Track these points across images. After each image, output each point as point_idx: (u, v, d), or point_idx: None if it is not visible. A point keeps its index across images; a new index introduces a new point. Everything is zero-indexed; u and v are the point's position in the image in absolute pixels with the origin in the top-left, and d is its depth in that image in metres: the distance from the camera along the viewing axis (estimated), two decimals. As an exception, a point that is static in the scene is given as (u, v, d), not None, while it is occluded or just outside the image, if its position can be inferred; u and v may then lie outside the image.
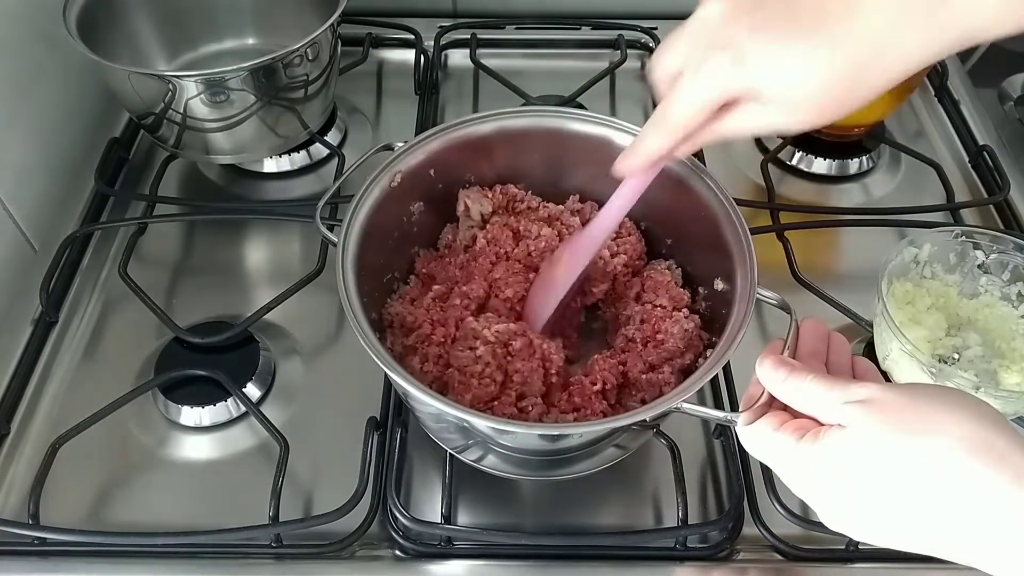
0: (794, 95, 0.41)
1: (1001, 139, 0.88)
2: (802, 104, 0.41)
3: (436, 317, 0.59)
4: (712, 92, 0.42)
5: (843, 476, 0.39)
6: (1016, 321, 0.66)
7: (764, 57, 0.40)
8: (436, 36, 0.97)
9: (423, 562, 0.57)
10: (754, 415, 0.44)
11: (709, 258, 0.58)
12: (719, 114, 0.44)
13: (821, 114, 0.41)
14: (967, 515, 0.36)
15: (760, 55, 0.40)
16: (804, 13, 0.39)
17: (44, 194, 0.79)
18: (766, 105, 0.42)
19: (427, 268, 0.64)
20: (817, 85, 0.40)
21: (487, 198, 0.64)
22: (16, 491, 0.61)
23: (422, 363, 0.57)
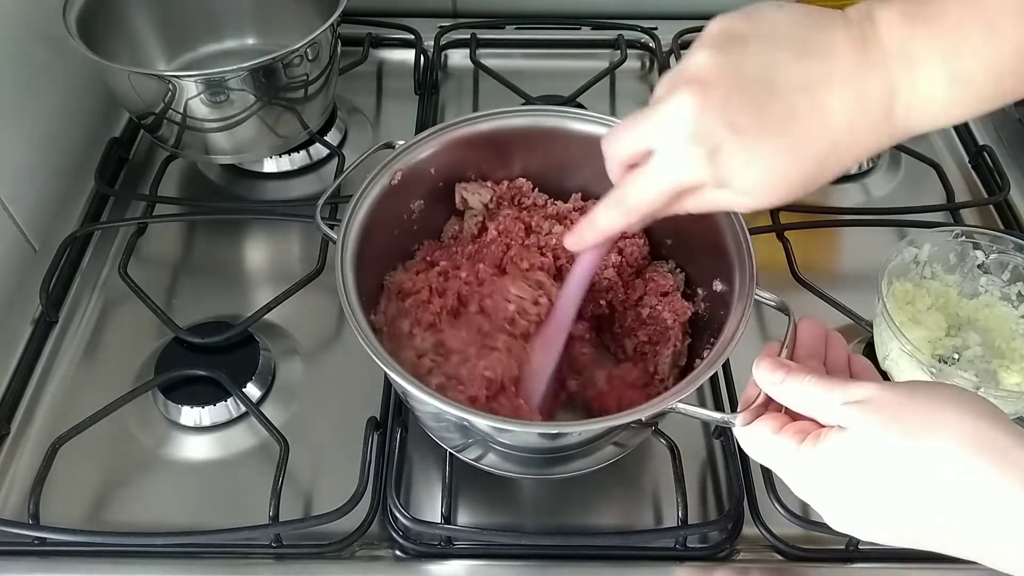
0: (759, 188, 0.43)
1: (1001, 139, 0.88)
2: (762, 193, 0.43)
3: (435, 286, 0.60)
4: (679, 182, 0.43)
5: (845, 477, 0.39)
6: (1016, 321, 0.66)
7: (738, 155, 0.41)
8: (436, 36, 0.97)
9: (423, 562, 0.57)
10: (751, 416, 0.44)
11: (708, 259, 0.58)
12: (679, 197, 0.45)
13: (776, 200, 0.43)
14: (970, 512, 0.36)
15: (734, 153, 0.41)
16: (774, 111, 0.40)
17: (44, 194, 0.79)
18: (729, 194, 0.43)
19: (432, 256, 0.64)
20: (780, 179, 0.42)
21: (485, 187, 0.64)
22: (16, 491, 0.61)
23: (412, 327, 0.58)
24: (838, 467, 0.39)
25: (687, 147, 0.41)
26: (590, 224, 0.49)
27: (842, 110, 0.40)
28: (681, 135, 0.41)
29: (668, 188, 0.44)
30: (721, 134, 0.40)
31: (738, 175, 0.42)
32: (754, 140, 0.41)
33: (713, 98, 0.40)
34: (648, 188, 0.44)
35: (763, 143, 0.41)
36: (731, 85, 0.40)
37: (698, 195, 0.44)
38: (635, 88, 0.96)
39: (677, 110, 0.41)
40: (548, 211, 0.66)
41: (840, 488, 0.40)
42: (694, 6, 0.98)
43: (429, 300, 0.59)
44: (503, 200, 0.65)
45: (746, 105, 0.40)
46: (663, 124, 0.42)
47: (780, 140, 0.41)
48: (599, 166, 0.63)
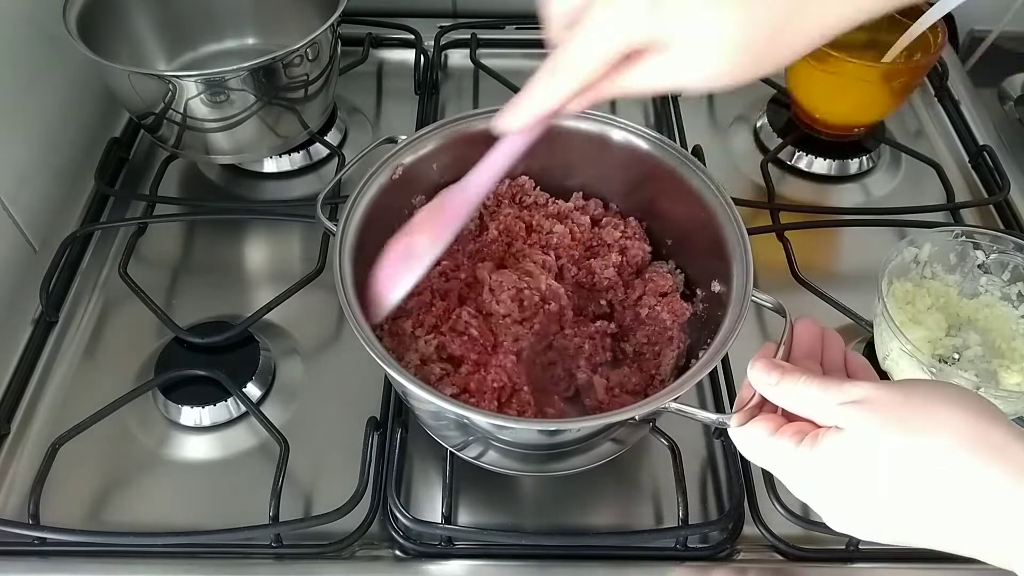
0: (707, 51, 0.38)
1: (1001, 139, 0.88)
2: (713, 61, 0.38)
3: (437, 287, 0.60)
4: (619, 38, 0.38)
5: (844, 478, 0.39)
6: (1016, 321, 0.66)
7: (682, 6, 0.37)
8: (436, 36, 0.97)
9: (423, 562, 0.57)
10: (745, 416, 0.44)
11: (707, 259, 0.58)
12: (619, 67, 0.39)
13: (731, 74, 0.38)
14: (969, 509, 0.36)
15: (677, 6, 0.37)
16: None
17: (44, 194, 0.79)
18: (674, 59, 0.38)
19: None
20: (731, 43, 0.37)
21: None
22: (16, 491, 0.61)
23: (414, 327, 0.58)
24: (837, 468, 0.39)
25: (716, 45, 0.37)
26: (522, 101, 0.43)
27: None
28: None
29: (607, 47, 0.38)
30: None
31: (684, 34, 0.37)
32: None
33: None
34: (585, 48, 0.39)
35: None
36: None
37: (641, 65, 0.39)
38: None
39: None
40: (549, 210, 0.66)
41: (839, 488, 0.40)
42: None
43: (432, 303, 0.59)
44: (503, 199, 0.65)
45: None
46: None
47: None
48: (600, 165, 0.64)
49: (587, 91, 0.41)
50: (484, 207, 0.65)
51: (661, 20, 0.37)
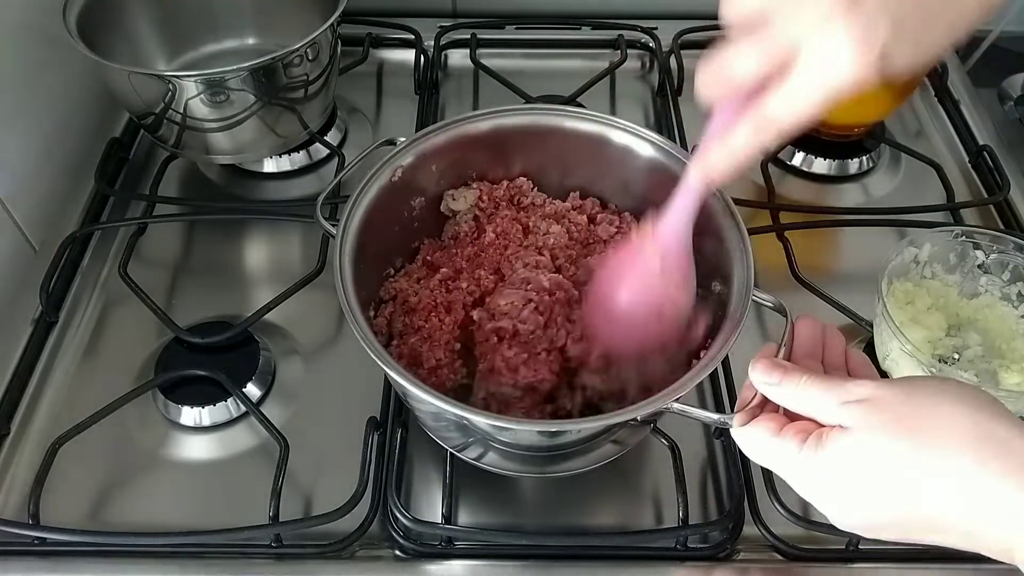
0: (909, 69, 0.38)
1: (1001, 139, 0.88)
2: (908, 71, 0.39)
3: (440, 300, 0.60)
4: (848, 86, 0.38)
5: (849, 478, 0.39)
6: (1016, 321, 0.66)
7: (905, 50, 0.37)
8: (436, 36, 0.97)
9: (423, 562, 0.57)
10: (747, 416, 0.44)
11: (707, 260, 0.58)
12: None
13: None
14: (973, 505, 0.36)
15: (901, 49, 0.37)
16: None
17: (44, 194, 0.79)
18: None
19: (432, 256, 0.64)
20: (930, 61, 0.39)
21: (470, 189, 0.65)
22: (16, 491, 0.61)
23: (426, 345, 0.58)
24: (842, 467, 0.39)
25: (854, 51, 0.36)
26: (723, 147, 0.43)
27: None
28: (844, 38, 0.36)
29: (827, 98, 0.38)
30: (886, 32, 0.36)
31: (899, 68, 0.38)
32: (919, 30, 0.37)
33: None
34: (799, 101, 0.39)
35: (929, 30, 0.38)
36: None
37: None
38: (635, 88, 0.96)
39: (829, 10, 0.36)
40: (546, 210, 0.66)
41: (845, 488, 0.40)
42: (694, 6, 0.99)
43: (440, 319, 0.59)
44: (501, 201, 0.65)
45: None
46: (813, 30, 0.37)
47: (941, 22, 0.38)
48: (598, 165, 0.64)
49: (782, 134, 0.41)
50: (481, 210, 0.65)
51: (884, 66, 0.37)
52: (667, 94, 0.92)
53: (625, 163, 0.63)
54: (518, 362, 0.55)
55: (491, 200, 0.65)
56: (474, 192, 0.64)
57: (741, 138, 0.42)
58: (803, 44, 0.38)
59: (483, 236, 0.64)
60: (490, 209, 0.65)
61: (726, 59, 0.40)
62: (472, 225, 0.64)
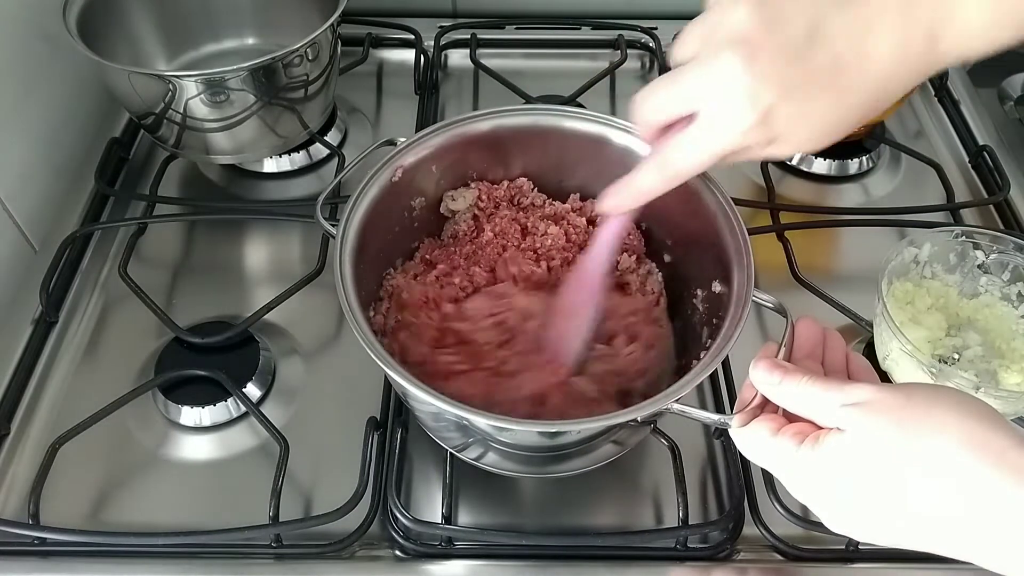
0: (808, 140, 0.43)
1: (1001, 139, 0.88)
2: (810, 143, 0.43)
3: (432, 295, 0.60)
4: (730, 146, 0.43)
5: (845, 480, 0.39)
6: (1016, 321, 0.66)
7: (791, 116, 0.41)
8: (436, 36, 0.97)
9: (423, 562, 0.57)
10: (747, 417, 0.44)
11: (708, 260, 0.58)
12: None
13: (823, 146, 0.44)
14: (968, 513, 0.36)
15: (787, 114, 0.41)
16: (822, 65, 0.40)
17: (44, 194, 0.79)
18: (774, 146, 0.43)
19: (431, 255, 0.64)
20: (830, 129, 0.43)
21: (469, 189, 0.65)
22: (16, 491, 0.61)
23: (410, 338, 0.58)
24: (837, 469, 0.39)
25: (740, 111, 0.41)
26: (628, 187, 0.48)
27: (888, 55, 0.40)
28: (733, 99, 0.41)
29: (718, 152, 0.43)
30: (773, 97, 0.40)
31: (790, 134, 0.42)
32: (805, 98, 0.41)
33: (759, 58, 0.40)
34: (695, 152, 0.44)
35: (815, 100, 0.41)
36: (776, 42, 0.40)
37: (743, 154, 0.44)
38: (635, 88, 0.94)
39: (726, 72, 0.40)
40: (546, 211, 0.66)
41: (839, 490, 0.40)
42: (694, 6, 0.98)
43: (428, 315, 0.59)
44: (501, 201, 0.65)
45: (794, 63, 0.40)
46: (711, 87, 0.41)
47: (830, 94, 0.41)
48: (598, 166, 0.64)
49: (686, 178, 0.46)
50: (480, 209, 0.65)
51: (769, 130, 0.41)
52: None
53: (625, 164, 0.62)
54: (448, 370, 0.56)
55: (491, 200, 0.65)
56: (473, 192, 0.64)
57: (644, 178, 0.47)
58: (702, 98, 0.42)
59: (481, 235, 0.64)
60: (489, 209, 0.65)
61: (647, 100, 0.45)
62: (471, 224, 0.64)
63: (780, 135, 0.42)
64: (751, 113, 0.41)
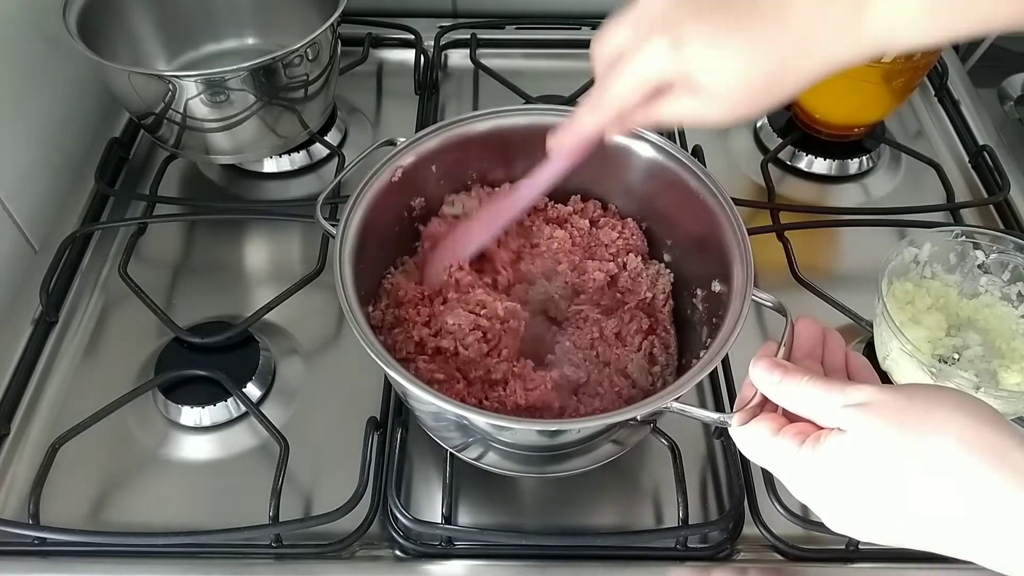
0: (721, 85, 0.43)
1: (1001, 139, 0.88)
2: (726, 95, 0.44)
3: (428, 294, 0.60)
4: (649, 74, 0.44)
5: (846, 480, 0.39)
6: (1016, 321, 0.66)
7: (701, 46, 0.42)
8: (436, 36, 0.97)
9: (423, 562, 0.57)
10: (747, 416, 0.44)
11: (707, 259, 0.58)
12: (654, 99, 0.46)
13: (741, 108, 0.44)
14: (969, 513, 0.36)
15: (697, 43, 0.42)
16: (740, 9, 0.42)
17: (44, 194, 0.79)
18: (696, 94, 0.44)
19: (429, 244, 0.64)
20: (742, 77, 0.43)
21: (469, 197, 0.65)
22: (16, 491, 0.61)
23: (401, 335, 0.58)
24: (839, 469, 0.39)
25: (655, 36, 0.43)
26: (570, 126, 0.50)
27: (807, 14, 0.41)
28: (646, 27, 0.43)
29: (639, 81, 0.45)
30: (687, 26, 0.42)
31: (702, 70, 0.43)
32: (717, 32, 0.42)
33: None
34: (621, 83, 0.45)
35: (727, 37, 0.42)
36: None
37: (670, 100, 0.45)
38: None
39: (646, 5, 0.44)
40: (548, 214, 0.66)
41: (840, 490, 0.40)
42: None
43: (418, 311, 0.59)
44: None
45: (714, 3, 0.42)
46: (634, 20, 0.45)
47: (743, 35, 0.42)
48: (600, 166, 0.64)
49: (624, 119, 0.48)
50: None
51: (683, 57, 0.43)
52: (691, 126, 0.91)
53: (625, 164, 0.63)
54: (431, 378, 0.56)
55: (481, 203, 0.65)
56: (474, 200, 0.64)
57: (582, 115, 0.49)
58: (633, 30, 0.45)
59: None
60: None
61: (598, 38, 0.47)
62: None
63: (695, 72, 0.43)
64: (663, 37, 0.42)
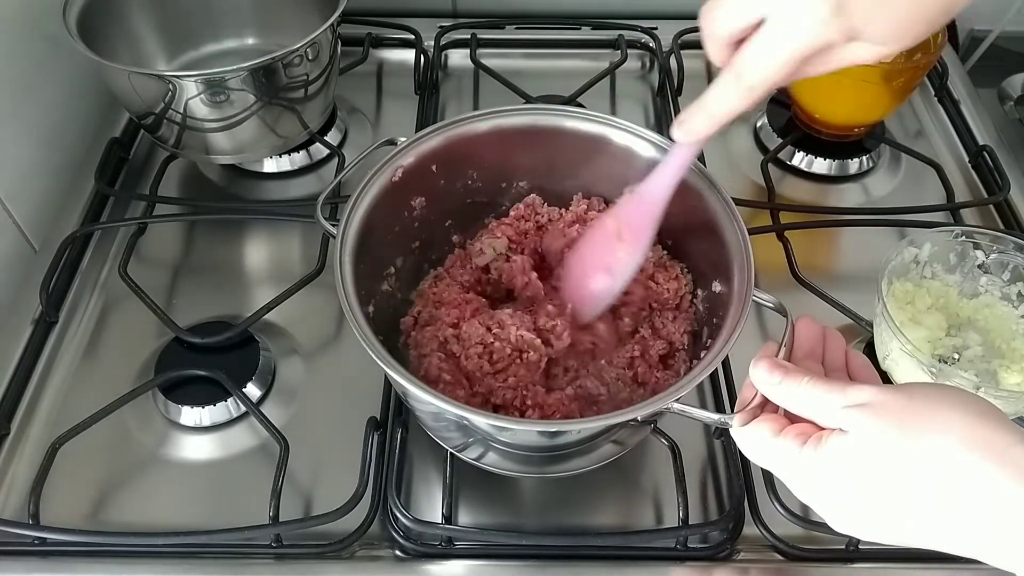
0: (891, 32, 0.40)
1: (1001, 139, 0.88)
2: (895, 37, 0.40)
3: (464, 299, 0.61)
4: (808, 45, 0.39)
5: (849, 480, 0.39)
6: (1016, 321, 0.66)
7: (869, 4, 0.38)
8: (436, 36, 0.97)
9: (423, 562, 0.57)
10: (747, 416, 0.44)
11: (708, 259, 0.58)
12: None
13: (909, 41, 0.40)
14: (971, 511, 0.36)
15: (866, 10, 0.38)
16: None
17: (44, 194, 0.79)
18: (860, 44, 0.40)
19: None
20: (914, 16, 0.39)
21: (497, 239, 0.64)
22: (16, 491, 0.61)
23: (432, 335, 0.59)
24: (841, 470, 0.39)
25: (811, 5, 0.38)
26: (702, 110, 0.45)
27: None
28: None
29: (794, 56, 0.40)
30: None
31: (870, 23, 0.39)
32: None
33: None
34: (771, 58, 0.40)
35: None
36: None
37: (827, 55, 0.41)
38: (635, 88, 0.96)
39: None
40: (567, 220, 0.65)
41: (843, 490, 0.40)
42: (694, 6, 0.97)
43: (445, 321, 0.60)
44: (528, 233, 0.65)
45: None
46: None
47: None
48: (599, 166, 0.64)
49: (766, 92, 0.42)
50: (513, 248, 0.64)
51: (847, 20, 0.38)
52: (667, 94, 0.92)
53: (626, 164, 0.62)
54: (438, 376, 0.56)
55: (519, 235, 0.65)
56: (503, 242, 0.64)
57: (719, 94, 0.43)
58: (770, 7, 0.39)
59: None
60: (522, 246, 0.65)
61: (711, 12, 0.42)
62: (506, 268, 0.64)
63: (859, 26, 0.39)
64: (822, 3, 0.38)
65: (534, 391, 0.56)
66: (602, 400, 0.57)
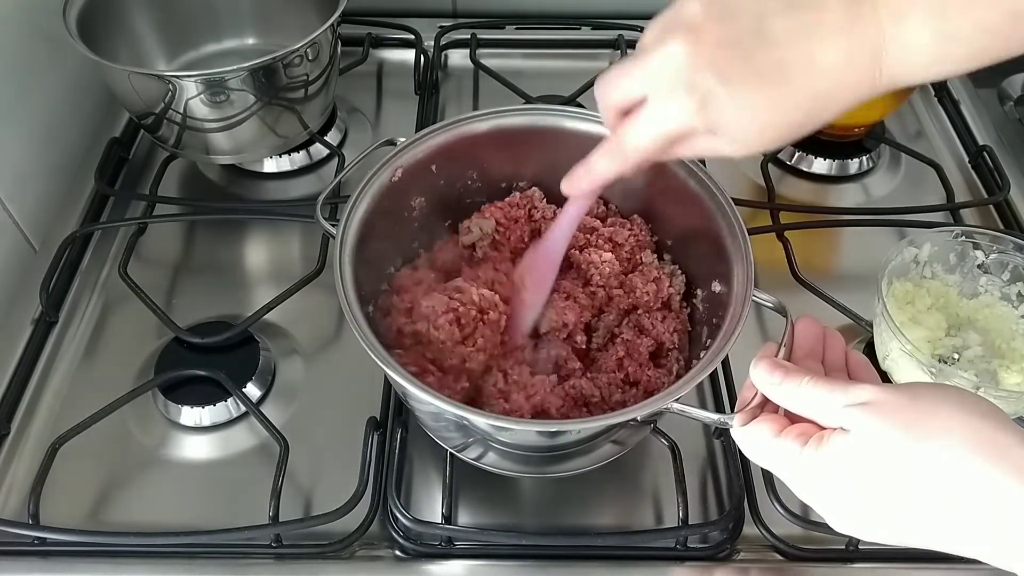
0: (747, 135, 0.43)
1: (1001, 139, 0.88)
2: (750, 140, 0.44)
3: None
4: (675, 129, 0.44)
5: (850, 480, 0.39)
6: (1016, 321, 0.66)
7: (729, 105, 0.42)
8: (436, 36, 0.97)
9: (423, 562, 0.57)
10: (748, 416, 0.44)
11: (707, 260, 0.58)
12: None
13: (765, 147, 0.44)
14: (973, 511, 0.36)
15: (725, 103, 0.42)
16: (764, 61, 0.41)
17: (44, 194, 0.79)
18: (718, 138, 0.44)
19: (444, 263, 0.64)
20: (769, 127, 0.43)
21: (485, 219, 0.64)
22: (16, 491, 0.61)
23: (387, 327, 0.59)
24: (843, 469, 0.39)
25: (679, 96, 0.42)
26: (586, 170, 0.51)
27: (832, 62, 0.41)
28: (673, 84, 0.42)
29: (662, 135, 0.45)
30: (711, 84, 0.41)
31: (728, 123, 0.43)
32: (743, 90, 0.41)
33: (704, 46, 0.41)
34: (643, 135, 0.45)
35: (752, 93, 0.41)
36: (722, 34, 0.41)
37: (690, 142, 0.45)
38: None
39: (669, 58, 0.42)
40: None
41: (845, 490, 0.40)
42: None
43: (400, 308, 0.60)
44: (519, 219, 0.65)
45: (736, 55, 0.41)
46: (656, 72, 0.43)
47: (769, 91, 0.42)
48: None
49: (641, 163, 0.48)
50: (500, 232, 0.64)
51: (707, 116, 0.42)
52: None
53: (625, 163, 0.62)
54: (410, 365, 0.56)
55: (508, 220, 0.65)
56: (489, 223, 0.64)
57: (599, 161, 0.49)
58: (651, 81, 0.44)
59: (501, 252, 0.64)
60: (509, 232, 0.64)
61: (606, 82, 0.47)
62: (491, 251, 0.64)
63: (720, 125, 0.43)
64: (688, 96, 0.42)
65: (519, 370, 0.57)
66: (595, 402, 0.57)
